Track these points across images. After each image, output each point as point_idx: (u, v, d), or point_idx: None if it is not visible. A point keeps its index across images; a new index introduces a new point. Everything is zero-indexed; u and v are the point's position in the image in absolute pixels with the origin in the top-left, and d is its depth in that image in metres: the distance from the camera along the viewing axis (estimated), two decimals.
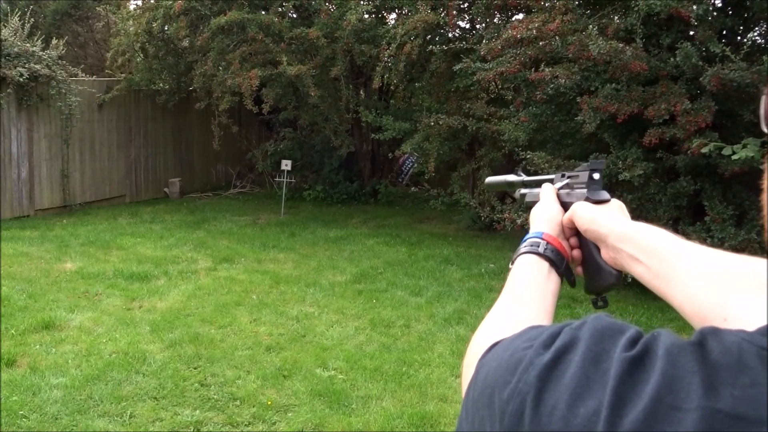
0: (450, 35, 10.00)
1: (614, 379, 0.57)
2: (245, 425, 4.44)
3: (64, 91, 10.41)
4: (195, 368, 5.23)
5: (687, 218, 7.18)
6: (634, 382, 0.57)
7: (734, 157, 5.93)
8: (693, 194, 7.07)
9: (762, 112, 0.68)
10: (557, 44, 6.86)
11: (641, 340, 0.61)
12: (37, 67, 10.09)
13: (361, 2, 10.41)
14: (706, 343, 0.56)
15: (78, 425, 4.35)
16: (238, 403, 4.71)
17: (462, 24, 10.24)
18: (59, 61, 10.56)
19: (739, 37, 7.27)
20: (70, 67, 10.97)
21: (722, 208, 6.71)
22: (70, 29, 14.06)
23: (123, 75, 11.97)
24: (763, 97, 0.68)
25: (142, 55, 11.94)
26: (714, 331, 0.57)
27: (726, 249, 4.17)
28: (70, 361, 5.27)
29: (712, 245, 5.24)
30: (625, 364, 0.58)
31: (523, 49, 7.12)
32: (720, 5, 7.13)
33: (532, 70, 7.44)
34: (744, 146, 5.93)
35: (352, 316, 6.53)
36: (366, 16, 10.49)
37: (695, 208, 7.24)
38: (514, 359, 0.66)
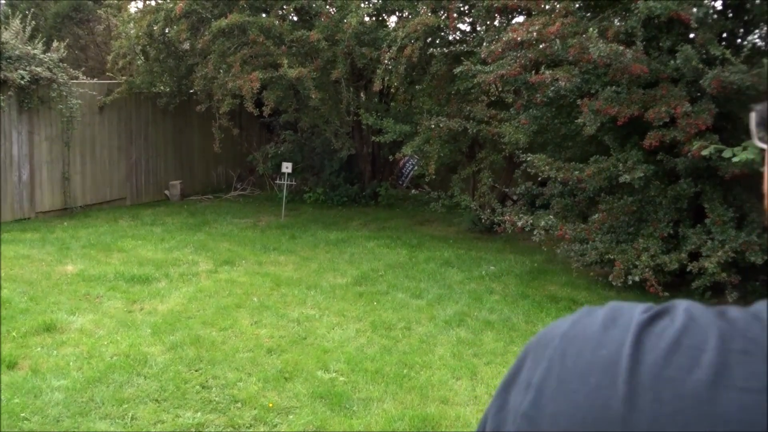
0: (450, 38, 10.01)
1: (634, 327, 0.61)
2: (246, 427, 4.44)
3: (65, 93, 10.42)
4: (196, 370, 5.23)
5: (687, 220, 7.19)
6: (654, 329, 0.61)
7: (734, 159, 5.94)
8: (693, 196, 7.08)
9: (752, 128, 0.70)
10: (557, 47, 6.88)
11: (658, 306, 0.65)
12: (38, 69, 10.10)
13: (362, 5, 10.43)
14: (727, 308, 0.62)
15: (79, 427, 4.35)
16: (239, 405, 4.71)
17: (462, 27, 10.25)
18: (60, 64, 10.57)
19: (739, 40, 7.28)
20: (71, 70, 10.97)
21: (723, 210, 6.72)
22: (71, 32, 14.07)
23: (124, 78, 11.97)
24: (753, 113, 0.70)
25: (142, 57, 11.95)
26: (737, 307, 0.63)
27: (726, 251, 4.23)
28: (71, 363, 5.27)
29: (713, 248, 5.28)
30: (645, 318, 0.62)
31: (523, 51, 7.14)
32: (720, 8, 7.15)
33: (533, 72, 7.46)
34: (744, 149, 5.94)
35: (353, 318, 6.54)
36: (366, 18, 10.50)
37: (696, 210, 7.25)
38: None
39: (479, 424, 0.70)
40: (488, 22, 9.16)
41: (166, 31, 11.00)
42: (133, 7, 13.56)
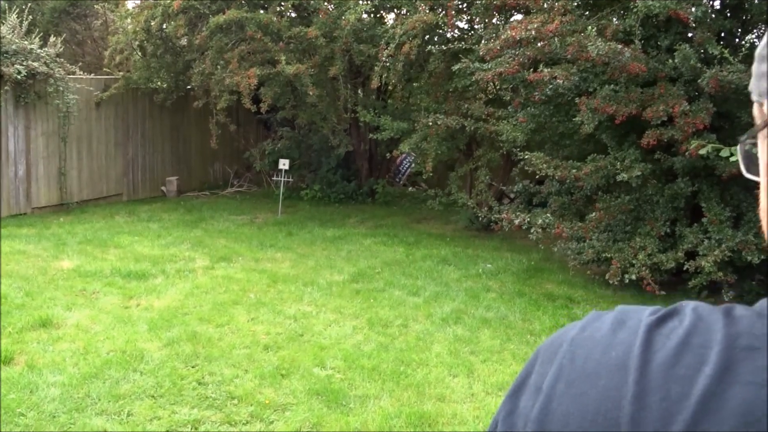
0: (449, 35, 10.00)
1: (643, 328, 0.62)
2: (243, 424, 4.44)
3: (61, 88, 10.39)
4: (193, 367, 5.23)
5: (684, 219, 7.20)
6: (663, 330, 0.61)
7: (732, 158, 5.94)
8: (690, 195, 7.09)
9: (739, 159, 0.70)
10: (556, 45, 6.87)
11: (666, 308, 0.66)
12: (35, 64, 10.07)
13: (360, 2, 10.42)
14: (733, 307, 0.62)
15: (75, 423, 4.34)
16: (235, 401, 4.71)
17: (461, 24, 10.24)
18: (57, 59, 10.54)
19: (737, 40, 7.29)
20: (68, 65, 10.94)
21: (720, 209, 6.72)
22: (68, 27, 14.01)
23: (121, 73, 11.93)
24: (739, 146, 0.71)
25: (140, 53, 11.92)
26: (740, 304, 0.63)
27: (723, 250, 4.23)
28: (67, 359, 5.26)
29: (710, 247, 5.28)
30: (654, 319, 0.63)
31: (521, 49, 7.13)
32: (718, 7, 7.15)
33: (531, 70, 7.45)
34: None
35: (350, 315, 6.53)
36: (365, 16, 10.49)
37: (693, 209, 7.26)
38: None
39: (489, 426, 0.70)
40: (486, 20, 9.15)
41: (164, 26, 10.98)
42: (130, 3, 13.53)
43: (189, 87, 12.11)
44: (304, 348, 5.67)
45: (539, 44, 6.99)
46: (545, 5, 7.38)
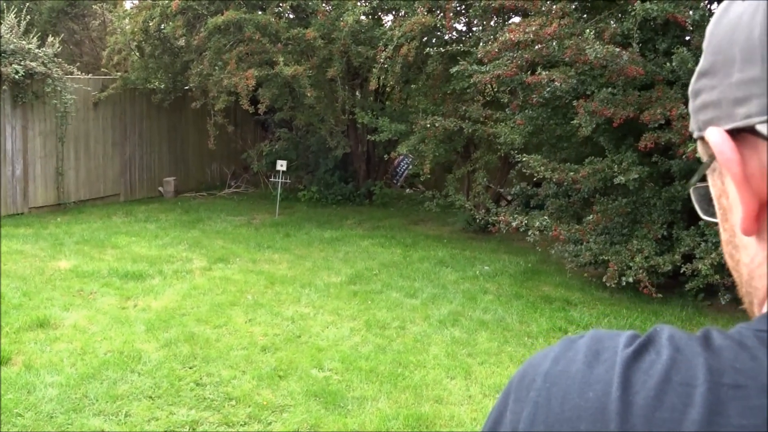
0: (447, 38, 10.02)
1: (620, 364, 0.58)
2: (241, 425, 4.44)
3: (59, 88, 10.39)
4: (190, 368, 5.23)
5: (681, 222, 7.22)
6: (641, 365, 0.58)
7: None
8: (687, 198, 7.09)
9: (695, 204, 0.69)
10: (554, 48, 6.89)
11: (640, 336, 0.62)
12: (33, 64, 10.07)
13: (358, 3, 10.43)
14: (710, 335, 0.59)
15: (73, 424, 4.34)
16: (233, 402, 4.71)
17: (459, 27, 10.26)
18: (55, 59, 10.54)
19: None
20: (66, 65, 10.94)
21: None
22: (66, 27, 14.00)
23: (119, 73, 11.94)
24: (692, 191, 0.69)
25: (138, 53, 11.93)
26: (716, 328, 0.60)
27: (720, 253, 4.24)
28: (65, 359, 5.26)
29: (707, 249, 5.29)
30: (630, 353, 0.59)
31: (520, 52, 7.15)
32: (715, 10, 7.16)
33: (528, 73, 7.47)
34: None
35: (348, 317, 6.54)
36: (363, 17, 10.50)
37: (689, 212, 7.27)
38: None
39: None
40: (485, 23, 9.17)
41: (162, 27, 10.97)
42: (128, 3, 13.53)
43: (187, 87, 12.11)
44: (302, 349, 5.67)
45: (537, 47, 7.01)
46: (543, 8, 7.40)
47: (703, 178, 0.66)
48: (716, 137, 0.60)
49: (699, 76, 0.64)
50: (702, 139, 0.63)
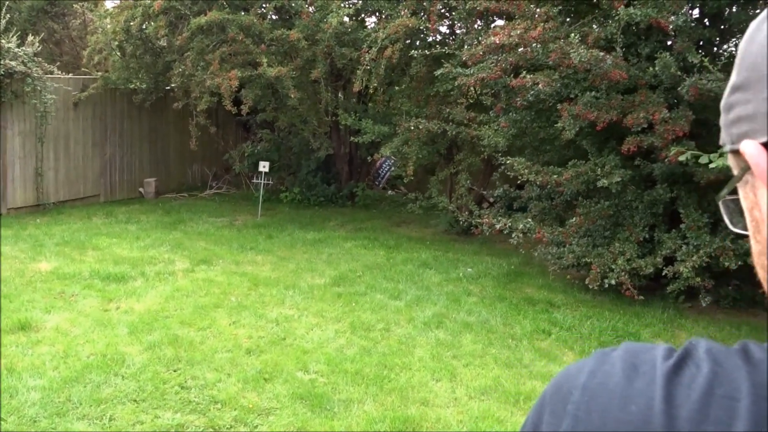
0: (431, 40, 10.04)
1: (661, 378, 0.59)
2: (227, 428, 4.42)
3: (39, 88, 10.29)
4: (175, 371, 5.19)
5: (663, 225, 7.28)
6: (682, 379, 0.58)
7: (711, 165, 6.01)
8: (669, 202, 7.17)
9: (725, 217, 0.69)
10: (538, 51, 6.92)
11: (677, 350, 0.63)
12: (13, 63, 9.96)
13: (342, 4, 10.42)
14: (748, 348, 0.60)
15: (57, 428, 4.30)
16: (219, 406, 4.68)
17: (442, 29, 10.28)
18: (35, 58, 10.43)
19: (715, 48, 7.39)
20: (46, 65, 10.83)
21: (697, 215, 6.81)
22: (45, 26, 13.86)
23: (99, 73, 11.84)
24: (721, 204, 0.69)
25: (119, 53, 11.82)
26: (753, 341, 0.61)
27: (701, 256, 4.30)
28: (47, 362, 5.21)
29: (688, 252, 5.35)
30: (670, 366, 0.60)
31: (504, 55, 7.17)
32: (697, 16, 7.24)
33: (512, 76, 7.50)
34: (721, 155, 6.01)
35: (332, 319, 6.53)
36: (346, 19, 10.49)
37: (671, 215, 7.35)
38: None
39: None
40: (468, 25, 9.20)
41: (144, 27, 10.89)
42: (109, 3, 13.42)
43: (168, 88, 12.03)
44: (287, 352, 5.66)
45: (521, 50, 7.04)
46: (527, 12, 7.43)
47: (733, 191, 0.67)
48: (752, 149, 0.61)
49: (732, 91, 0.65)
50: (734, 152, 0.64)
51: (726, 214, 0.69)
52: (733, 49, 7.53)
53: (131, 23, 10.74)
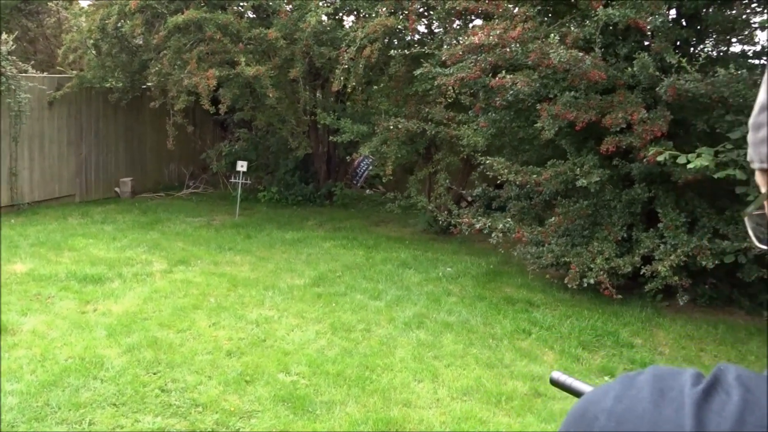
0: (409, 39, 10.04)
1: (691, 405, 0.58)
2: None
3: (13, 87, 10.14)
4: (155, 374, 5.14)
5: (641, 224, 7.34)
6: (712, 406, 0.58)
7: (689, 165, 6.08)
8: (647, 201, 7.23)
9: (750, 233, 0.69)
10: (517, 51, 6.94)
11: (706, 376, 0.62)
12: None
13: (320, 4, 10.38)
14: None
15: None
16: (200, 409, 4.65)
17: (422, 29, 10.28)
18: (9, 57, 10.28)
19: (692, 48, 7.45)
20: (20, 63, 10.68)
21: (675, 215, 6.87)
22: (19, 24, 13.67)
23: (74, 72, 11.70)
24: (746, 219, 0.69)
25: (94, 52, 11.68)
26: None
27: (678, 255, 4.35)
28: (24, 366, 5.13)
29: (666, 251, 5.39)
30: (699, 393, 0.59)
31: (483, 55, 7.19)
32: (674, 16, 7.30)
33: (492, 76, 7.51)
34: (698, 155, 6.08)
35: (312, 320, 6.50)
36: (324, 18, 10.46)
37: (649, 214, 7.41)
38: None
39: None
40: (447, 25, 9.20)
41: (120, 25, 10.77)
42: (84, 1, 13.26)
43: (145, 87, 11.92)
44: (268, 353, 5.62)
45: (499, 50, 7.05)
46: (506, 12, 7.45)
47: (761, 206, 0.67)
48: None
49: (761, 110, 0.65)
50: (763, 170, 0.64)
51: (752, 229, 0.68)
52: (710, 49, 7.61)
53: (107, 21, 10.62)
